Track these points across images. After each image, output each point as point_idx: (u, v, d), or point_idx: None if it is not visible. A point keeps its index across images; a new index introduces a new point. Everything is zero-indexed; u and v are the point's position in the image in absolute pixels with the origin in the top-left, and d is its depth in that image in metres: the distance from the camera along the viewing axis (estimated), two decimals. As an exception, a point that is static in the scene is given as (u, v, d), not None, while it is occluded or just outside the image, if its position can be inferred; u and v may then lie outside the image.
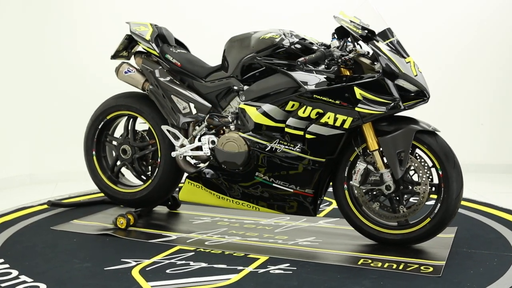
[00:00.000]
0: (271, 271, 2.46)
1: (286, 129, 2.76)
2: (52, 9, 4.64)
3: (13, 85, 4.53)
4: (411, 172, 2.75)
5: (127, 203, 3.36)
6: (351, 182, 2.78)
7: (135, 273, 2.44)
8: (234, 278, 2.38)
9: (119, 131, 3.48)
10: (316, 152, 2.74)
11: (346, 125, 2.66)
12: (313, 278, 2.37)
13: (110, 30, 3.29)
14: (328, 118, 2.67)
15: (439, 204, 2.68)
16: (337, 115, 2.66)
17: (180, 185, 3.37)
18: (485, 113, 4.98)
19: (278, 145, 2.79)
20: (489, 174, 4.84)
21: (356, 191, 2.80)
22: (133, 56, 3.31)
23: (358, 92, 2.61)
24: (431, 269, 2.46)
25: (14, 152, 4.51)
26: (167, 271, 2.47)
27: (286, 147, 2.78)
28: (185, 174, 3.17)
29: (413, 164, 2.70)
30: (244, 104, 2.87)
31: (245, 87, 2.92)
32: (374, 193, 2.77)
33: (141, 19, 3.31)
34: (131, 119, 3.33)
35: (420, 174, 2.69)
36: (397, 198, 2.74)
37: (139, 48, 3.36)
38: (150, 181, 3.27)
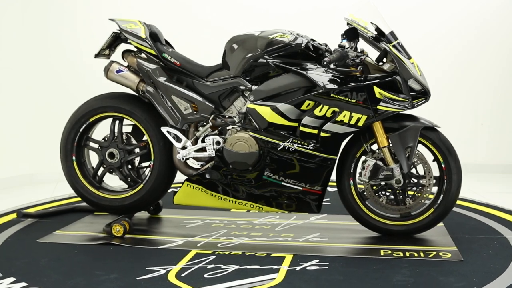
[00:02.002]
0: (307, 268, 2.49)
1: (301, 128, 2.80)
2: (54, 8, 4.67)
3: (13, 85, 4.55)
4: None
5: (114, 210, 3.18)
6: (360, 177, 2.90)
7: (174, 280, 2.34)
8: (278, 277, 2.38)
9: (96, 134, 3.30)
10: (329, 149, 2.82)
11: (361, 123, 2.78)
12: (353, 271, 2.45)
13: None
14: (344, 116, 2.77)
15: (442, 195, 2.89)
16: (352, 114, 2.77)
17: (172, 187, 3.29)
18: (485, 113, 5.02)
19: (291, 143, 2.82)
20: (489, 174, 4.89)
21: (364, 186, 2.92)
22: (122, 55, 3.14)
23: (377, 91, 2.73)
24: (449, 255, 2.66)
25: (14, 152, 4.51)
26: (205, 275, 2.40)
27: (300, 145, 2.82)
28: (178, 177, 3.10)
29: (418, 158, 2.89)
30: (255, 104, 2.86)
31: (253, 87, 2.92)
32: (381, 187, 2.91)
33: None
34: (117, 121, 3.16)
35: (426, 168, 2.88)
36: (403, 191, 2.90)
37: (123, 46, 3.20)
38: (141, 185, 3.13)
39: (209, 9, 4.81)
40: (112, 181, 3.32)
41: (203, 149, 2.99)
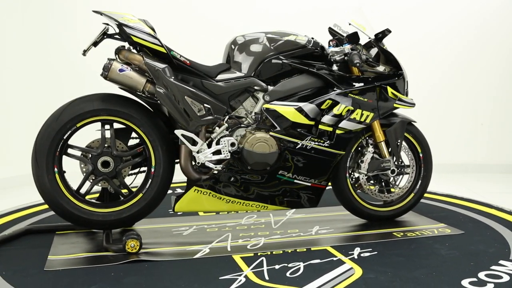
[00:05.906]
0: (362, 255, 2.66)
1: (320, 126, 2.94)
2: (54, 8, 4.66)
3: (13, 85, 4.59)
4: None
5: (108, 225, 2.85)
6: (360, 170, 3.16)
7: (266, 283, 2.28)
8: (355, 267, 2.49)
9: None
10: (341, 146, 3.01)
11: (368, 120, 3.04)
12: (401, 252, 2.69)
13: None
14: (357, 114, 2.99)
15: (420, 181, 3.32)
16: (363, 111, 3.01)
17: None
18: (485, 113, 5.07)
19: (309, 142, 2.94)
20: (489, 174, 4.94)
21: (361, 178, 3.18)
22: (117, 52, 2.82)
23: (390, 91, 3.02)
24: (449, 230, 3.09)
25: (14, 152, 4.54)
26: (287, 275, 2.39)
27: (316, 143, 2.95)
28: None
29: (404, 150, 3.28)
30: (273, 104, 2.89)
31: (269, 87, 2.93)
32: (373, 177, 3.21)
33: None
34: (109, 126, 2.84)
35: (410, 158, 3.28)
36: (390, 179, 3.25)
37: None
38: (140, 194, 2.88)
39: (209, 9, 4.60)
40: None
41: (218, 152, 2.89)
